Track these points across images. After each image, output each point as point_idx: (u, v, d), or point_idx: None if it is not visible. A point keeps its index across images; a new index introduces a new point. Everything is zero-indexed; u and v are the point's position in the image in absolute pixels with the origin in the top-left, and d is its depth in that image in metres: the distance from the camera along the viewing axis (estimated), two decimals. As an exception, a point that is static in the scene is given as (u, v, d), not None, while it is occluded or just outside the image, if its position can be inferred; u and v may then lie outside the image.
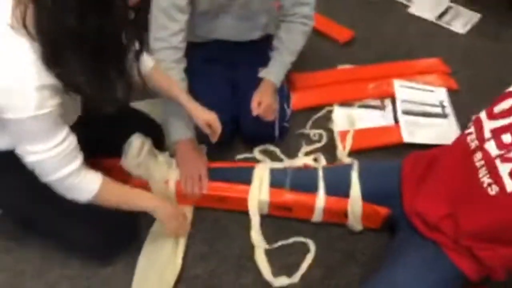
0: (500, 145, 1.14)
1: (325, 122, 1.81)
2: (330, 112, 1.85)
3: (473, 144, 1.22)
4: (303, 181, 1.45)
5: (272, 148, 1.70)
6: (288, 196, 1.43)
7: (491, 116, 1.20)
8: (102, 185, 1.16)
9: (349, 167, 1.46)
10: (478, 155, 1.18)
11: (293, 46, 1.66)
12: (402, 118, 1.80)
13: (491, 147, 1.15)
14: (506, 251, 1.15)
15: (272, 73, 1.64)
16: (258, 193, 1.43)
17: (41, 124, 0.99)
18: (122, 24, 0.97)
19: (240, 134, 1.70)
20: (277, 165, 1.51)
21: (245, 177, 1.47)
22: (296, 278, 1.35)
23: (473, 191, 1.17)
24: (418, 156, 1.42)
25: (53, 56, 0.93)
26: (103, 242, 1.31)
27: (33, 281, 1.32)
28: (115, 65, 1.03)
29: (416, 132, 1.75)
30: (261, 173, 1.46)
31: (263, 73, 1.64)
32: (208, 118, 1.35)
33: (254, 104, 1.55)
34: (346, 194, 1.41)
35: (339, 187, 1.42)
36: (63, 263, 1.36)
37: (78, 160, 1.11)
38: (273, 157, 1.66)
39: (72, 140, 1.09)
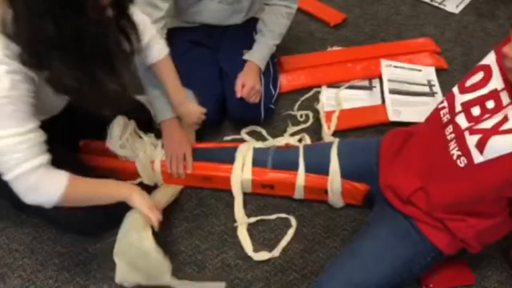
0: (469, 117, 1.16)
1: (312, 103, 1.84)
2: (318, 93, 1.88)
3: (445, 118, 1.23)
4: (285, 159, 1.48)
5: (259, 129, 1.73)
6: (270, 175, 1.47)
7: (462, 90, 1.22)
8: (70, 180, 1.10)
9: (329, 145, 1.48)
10: (449, 129, 1.20)
11: (276, 28, 1.69)
12: (388, 97, 1.81)
13: (461, 120, 1.17)
14: (476, 222, 1.17)
15: (256, 56, 1.67)
16: (241, 172, 1.47)
17: (13, 107, 0.99)
18: (101, 24, 0.97)
19: (228, 116, 1.73)
20: (260, 144, 1.54)
21: (229, 156, 1.51)
22: (276, 252, 1.39)
23: (444, 164, 1.19)
24: (395, 133, 1.44)
25: (35, 60, 0.97)
26: (93, 225, 1.37)
27: (25, 259, 1.39)
28: (102, 66, 1.03)
29: (402, 111, 1.76)
30: (244, 152, 1.49)
31: (247, 55, 1.67)
32: (197, 117, 1.44)
33: (238, 86, 1.59)
34: (326, 171, 1.43)
35: (320, 165, 1.45)
36: (54, 240, 1.42)
37: (45, 156, 1.06)
38: (260, 138, 1.69)
39: (41, 134, 1.06)
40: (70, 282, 1.34)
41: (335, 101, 1.82)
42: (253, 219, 1.46)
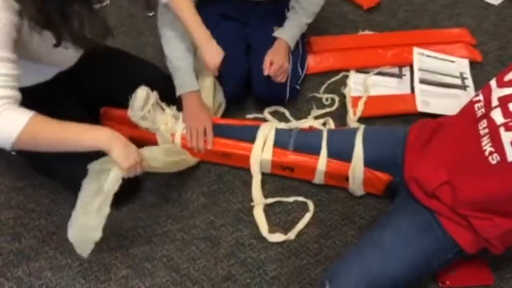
0: (506, 113, 1.11)
1: (339, 87, 1.79)
2: (346, 77, 1.83)
3: (480, 111, 1.18)
4: (307, 142, 1.45)
5: (282, 109, 1.70)
6: (291, 157, 1.44)
7: (501, 84, 1.16)
8: (32, 118, 1.01)
9: (354, 131, 1.44)
10: (483, 123, 1.15)
11: (310, 7, 1.63)
12: (418, 87, 1.75)
13: (497, 115, 1.12)
14: (503, 222, 1.12)
15: (286, 33, 1.62)
16: (261, 151, 1.44)
17: None
18: None
19: (252, 94, 1.70)
20: (283, 125, 1.51)
21: (250, 135, 1.48)
22: (292, 235, 1.37)
23: (474, 159, 1.14)
24: (424, 123, 1.39)
25: None
26: None
27: (41, 220, 1.39)
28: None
29: (432, 102, 1.70)
30: (266, 132, 1.46)
31: (277, 32, 1.63)
32: (217, 63, 1.39)
33: (266, 64, 1.55)
34: (349, 158, 1.40)
35: (343, 151, 1.41)
36: (70, 204, 1.41)
37: (12, 91, 1.00)
38: (283, 119, 1.66)
39: (14, 67, 1.00)
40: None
41: (363, 86, 1.78)
42: (270, 200, 1.44)
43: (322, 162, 1.41)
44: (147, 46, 1.92)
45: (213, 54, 1.41)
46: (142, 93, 1.36)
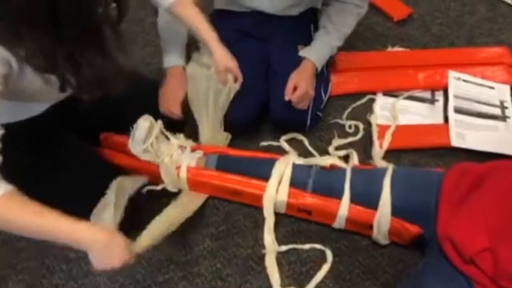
0: None
1: (364, 113, 1.62)
2: (372, 101, 1.66)
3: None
4: (328, 184, 1.29)
5: (300, 137, 1.54)
6: (309, 200, 1.28)
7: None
8: (4, 197, 0.86)
9: (382, 172, 1.28)
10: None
11: (343, 28, 1.47)
12: (452, 116, 1.58)
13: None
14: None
15: (315, 54, 1.46)
16: (276, 191, 1.29)
17: None
18: None
19: (269, 118, 1.54)
20: (301, 161, 1.35)
21: (264, 170, 1.33)
22: (307, 290, 1.23)
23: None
24: (464, 169, 1.22)
25: (7, 34, 0.82)
26: None
27: (31, 261, 1.27)
28: (84, 41, 0.89)
29: (468, 135, 1.53)
30: (282, 170, 1.31)
31: (303, 51, 1.47)
32: (229, 65, 1.29)
33: (289, 88, 1.40)
34: (374, 203, 1.24)
35: (368, 195, 1.26)
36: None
37: None
38: (300, 148, 1.51)
39: None
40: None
41: (391, 113, 1.61)
42: (284, 248, 1.29)
43: (344, 207, 1.25)
44: (156, 56, 1.76)
45: (225, 54, 1.29)
46: (144, 124, 1.22)
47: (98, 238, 0.93)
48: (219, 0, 1.57)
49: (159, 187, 1.34)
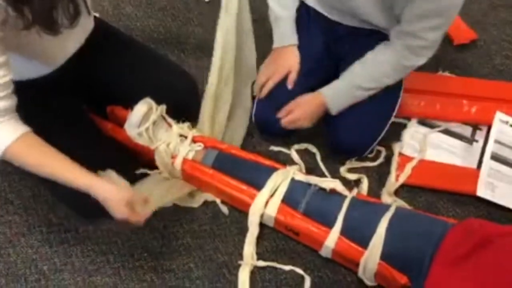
0: None
1: (391, 138, 1.48)
2: (403, 127, 1.52)
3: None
4: (321, 209, 1.20)
5: (314, 150, 1.44)
6: (297, 221, 1.20)
7: None
8: (21, 139, 0.95)
9: (382, 209, 1.18)
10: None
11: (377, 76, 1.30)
12: (487, 163, 1.41)
13: None
14: None
15: (330, 91, 1.32)
16: (266, 204, 1.21)
17: None
18: None
19: (327, 142, 1.42)
20: (301, 177, 1.26)
21: (261, 178, 1.25)
22: (273, 314, 1.15)
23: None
24: (472, 226, 1.09)
25: None
26: (86, 207, 1.22)
27: (15, 216, 1.28)
28: None
29: (499, 187, 1.36)
30: (277, 183, 1.23)
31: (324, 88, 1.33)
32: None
33: (285, 109, 1.33)
34: (366, 241, 1.14)
35: (361, 231, 1.16)
36: (51, 206, 1.30)
37: (7, 102, 0.94)
38: (311, 161, 1.41)
39: (6, 74, 0.93)
40: (47, 259, 1.22)
41: (420, 144, 1.46)
42: (262, 264, 1.22)
43: (332, 239, 1.16)
44: (191, 37, 1.71)
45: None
46: (141, 108, 1.18)
47: (98, 178, 1.00)
48: None
49: (153, 172, 1.30)
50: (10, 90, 0.96)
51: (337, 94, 1.30)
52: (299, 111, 1.31)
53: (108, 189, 0.99)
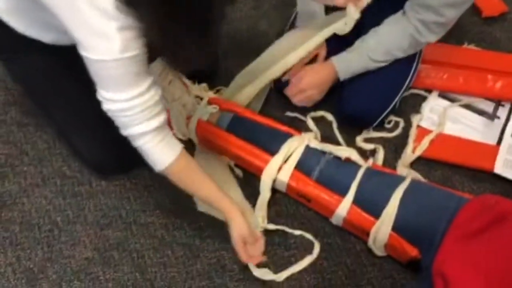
0: None
1: (410, 110, 1.46)
2: (424, 99, 1.49)
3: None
4: (335, 178, 1.19)
5: (330, 118, 1.42)
6: (310, 188, 1.19)
7: None
8: (176, 161, 1.00)
9: (397, 181, 1.16)
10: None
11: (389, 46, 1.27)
12: (507, 140, 1.38)
13: None
14: None
15: (343, 62, 1.29)
16: (279, 169, 1.21)
17: (126, 69, 0.85)
18: None
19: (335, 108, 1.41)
20: (316, 144, 1.24)
21: (276, 143, 1.24)
22: (281, 276, 1.16)
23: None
24: (488, 202, 1.07)
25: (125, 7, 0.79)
26: (103, 163, 1.25)
27: (30, 167, 1.30)
28: (194, 28, 0.83)
29: (517, 166, 1.34)
30: (292, 148, 1.22)
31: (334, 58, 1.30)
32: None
33: (292, 71, 1.32)
34: (378, 212, 1.13)
35: (374, 201, 1.15)
36: (65, 158, 1.31)
37: (158, 119, 0.95)
38: (327, 130, 1.39)
39: (156, 91, 0.94)
40: (60, 211, 1.24)
41: (439, 117, 1.43)
42: (272, 226, 1.22)
43: (344, 207, 1.16)
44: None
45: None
46: (157, 68, 1.17)
47: (237, 211, 1.07)
48: None
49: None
50: (159, 107, 0.96)
51: (348, 65, 1.28)
52: (308, 79, 1.28)
53: (239, 222, 1.06)
